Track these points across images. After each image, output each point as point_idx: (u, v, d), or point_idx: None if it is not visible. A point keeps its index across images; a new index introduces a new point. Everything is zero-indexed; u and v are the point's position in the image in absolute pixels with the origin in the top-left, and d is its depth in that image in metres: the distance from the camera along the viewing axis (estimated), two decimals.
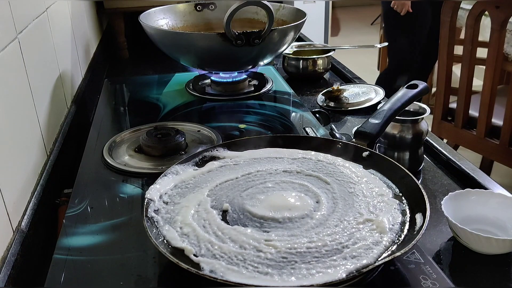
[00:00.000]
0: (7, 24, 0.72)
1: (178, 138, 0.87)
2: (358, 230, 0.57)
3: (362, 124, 0.75)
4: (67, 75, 1.09)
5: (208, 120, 1.01)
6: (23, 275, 0.62)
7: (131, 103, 1.18)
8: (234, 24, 0.96)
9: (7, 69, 0.70)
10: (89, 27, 1.48)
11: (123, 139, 0.92)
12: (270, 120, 1.03)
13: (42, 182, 0.77)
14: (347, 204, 0.63)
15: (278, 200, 0.63)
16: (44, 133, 0.84)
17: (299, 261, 0.53)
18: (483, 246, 0.60)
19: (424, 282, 0.55)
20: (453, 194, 0.66)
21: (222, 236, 0.57)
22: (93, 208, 0.72)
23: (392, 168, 0.68)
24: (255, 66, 1.15)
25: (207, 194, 0.66)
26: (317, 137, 0.84)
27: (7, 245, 0.62)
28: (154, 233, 0.58)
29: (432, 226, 0.66)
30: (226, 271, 0.52)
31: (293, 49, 1.32)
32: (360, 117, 1.02)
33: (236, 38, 0.97)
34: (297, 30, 1.09)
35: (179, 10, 1.27)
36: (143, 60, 1.56)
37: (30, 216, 0.69)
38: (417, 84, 0.80)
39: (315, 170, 0.71)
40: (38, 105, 0.82)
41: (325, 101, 1.10)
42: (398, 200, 0.64)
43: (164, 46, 1.09)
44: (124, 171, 0.81)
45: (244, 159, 0.75)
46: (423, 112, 0.80)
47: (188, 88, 1.18)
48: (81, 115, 1.10)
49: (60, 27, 1.09)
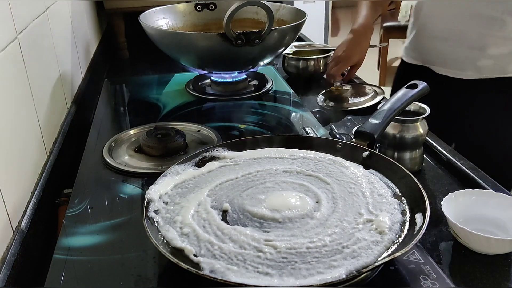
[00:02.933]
0: (7, 24, 0.72)
1: (178, 138, 0.87)
2: (358, 230, 0.57)
3: (362, 124, 0.75)
4: (67, 75, 1.09)
5: (208, 120, 1.01)
6: (23, 275, 0.62)
7: (131, 103, 1.18)
8: (234, 24, 0.96)
9: (7, 69, 0.70)
10: (89, 27, 1.48)
11: (123, 139, 0.92)
12: (270, 120, 1.03)
13: (42, 182, 0.77)
14: (347, 204, 0.63)
15: (278, 200, 0.63)
16: (44, 133, 0.84)
17: (299, 261, 0.53)
18: (483, 246, 0.60)
19: (424, 282, 0.55)
20: (453, 194, 0.66)
21: (222, 236, 0.57)
22: (93, 208, 0.72)
23: (392, 168, 0.68)
24: (255, 66, 1.15)
25: (207, 194, 0.66)
26: (317, 137, 0.84)
27: (7, 245, 0.62)
28: (154, 233, 0.58)
29: (432, 226, 0.66)
30: (226, 271, 0.52)
31: (293, 49, 1.32)
32: (360, 117, 1.02)
33: (236, 38, 0.97)
34: (297, 30, 1.09)
35: (179, 10, 1.27)
36: (143, 60, 1.56)
37: (30, 216, 0.69)
38: (417, 84, 0.80)
39: (315, 170, 0.71)
40: (38, 105, 0.82)
41: (325, 101, 1.10)
42: (398, 200, 0.64)
43: (164, 46, 1.09)
44: (124, 171, 0.81)
45: (244, 159, 0.75)
46: (423, 112, 0.80)
47: (188, 88, 1.18)
48: (81, 115, 1.10)
49: (60, 27, 1.09)
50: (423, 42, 1.17)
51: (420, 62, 1.19)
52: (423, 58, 1.19)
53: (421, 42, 1.18)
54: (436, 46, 1.13)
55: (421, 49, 1.18)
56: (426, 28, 1.15)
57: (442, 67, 1.14)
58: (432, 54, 1.15)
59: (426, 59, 1.18)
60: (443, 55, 1.13)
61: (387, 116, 0.75)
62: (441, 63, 1.14)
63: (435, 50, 1.14)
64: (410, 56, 1.23)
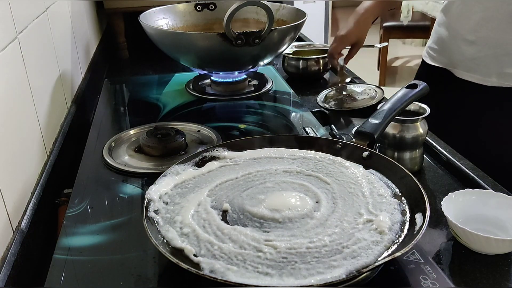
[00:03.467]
0: (7, 24, 0.72)
1: (178, 138, 0.87)
2: (358, 230, 0.57)
3: (362, 124, 0.75)
4: (67, 75, 1.09)
5: (208, 120, 1.01)
6: (23, 275, 0.62)
7: (131, 103, 1.18)
8: (234, 24, 0.96)
9: (7, 69, 0.70)
10: (89, 27, 1.48)
11: (123, 139, 0.92)
12: (270, 120, 1.03)
13: (42, 182, 0.77)
14: (347, 204, 0.63)
15: (278, 200, 0.63)
16: (44, 133, 0.84)
17: (299, 261, 0.53)
18: (483, 246, 0.60)
19: (424, 282, 0.55)
20: (453, 194, 0.66)
21: (222, 236, 0.57)
22: (93, 208, 0.72)
23: (392, 168, 0.68)
24: (255, 66, 1.15)
25: (207, 194, 0.66)
26: (317, 137, 0.84)
27: (7, 245, 0.62)
28: (154, 233, 0.58)
29: (432, 226, 0.66)
30: (226, 271, 0.52)
31: (293, 49, 1.32)
32: (360, 117, 1.02)
33: (236, 38, 0.97)
34: (297, 30, 1.09)
35: (179, 10, 1.27)
36: (143, 60, 1.56)
37: (30, 216, 0.69)
38: (417, 84, 0.80)
39: (315, 170, 0.71)
40: (38, 105, 0.82)
41: (325, 101, 1.10)
42: (398, 200, 0.64)
43: (164, 46, 1.09)
44: (124, 171, 0.81)
45: (244, 159, 0.75)
46: (423, 112, 0.80)
47: (188, 88, 1.18)
48: (81, 115, 1.10)
49: (60, 27, 1.09)
50: (448, 43, 1.12)
51: (442, 64, 1.15)
52: (446, 60, 1.14)
53: (446, 43, 1.13)
54: (461, 48, 1.08)
55: (445, 51, 1.14)
56: (452, 29, 1.10)
57: (466, 72, 1.09)
58: (455, 57, 1.10)
59: (448, 62, 1.13)
60: (468, 59, 1.07)
61: (387, 116, 0.75)
62: (465, 66, 1.09)
63: (460, 53, 1.09)
64: (431, 57, 1.19)
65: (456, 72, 1.11)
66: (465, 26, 1.07)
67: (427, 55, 1.21)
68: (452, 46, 1.11)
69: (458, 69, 1.11)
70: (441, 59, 1.16)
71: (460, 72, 1.10)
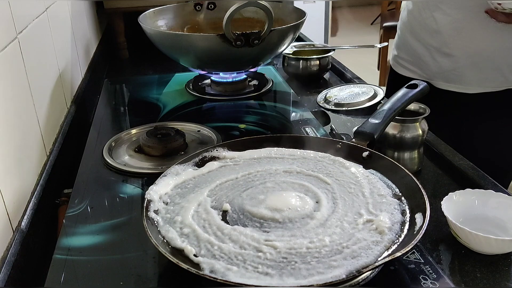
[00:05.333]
0: (7, 24, 0.72)
1: (178, 138, 0.87)
2: (358, 230, 0.57)
3: (362, 124, 0.75)
4: (67, 75, 1.09)
5: (208, 120, 1.01)
6: (23, 275, 0.62)
7: (131, 103, 1.18)
8: (233, 23, 0.96)
9: (7, 69, 0.70)
10: (89, 27, 1.48)
11: (123, 139, 0.92)
12: (270, 120, 1.03)
13: (42, 182, 0.77)
14: (347, 204, 0.63)
15: (278, 200, 0.63)
16: (44, 133, 0.84)
17: (299, 262, 0.53)
18: (483, 246, 0.60)
19: (424, 282, 0.55)
20: (453, 194, 0.66)
21: (222, 236, 0.57)
22: (93, 208, 0.72)
23: (392, 168, 0.68)
24: (255, 66, 1.15)
25: (207, 194, 0.66)
26: (317, 137, 0.84)
27: (7, 245, 0.62)
28: (154, 233, 0.58)
29: (432, 226, 0.66)
30: (226, 271, 0.52)
31: (293, 49, 1.32)
32: (360, 117, 1.02)
33: (236, 39, 0.97)
34: (297, 30, 1.09)
35: (178, 10, 1.27)
36: (143, 60, 1.56)
37: (30, 216, 0.69)
38: (417, 84, 0.80)
39: (315, 170, 0.71)
40: (38, 105, 0.82)
41: (325, 101, 1.10)
42: (398, 200, 0.64)
43: (164, 47, 1.09)
44: (124, 171, 0.81)
45: (244, 159, 0.75)
46: (423, 112, 0.80)
47: (188, 88, 1.18)
48: (81, 115, 1.10)
49: (60, 27, 1.09)
50: (421, 56, 1.12)
51: (417, 76, 1.14)
52: (422, 72, 1.13)
53: (419, 54, 1.13)
54: (436, 61, 1.09)
55: (420, 64, 1.13)
56: (425, 42, 1.10)
57: (445, 82, 1.09)
58: (432, 69, 1.10)
59: (425, 75, 1.12)
60: (446, 70, 1.08)
61: (387, 116, 0.75)
62: (444, 78, 1.09)
63: (436, 66, 1.09)
64: (404, 67, 1.17)
65: (434, 83, 1.11)
66: (437, 40, 1.07)
67: (397, 64, 1.20)
68: (426, 58, 1.11)
69: (436, 81, 1.11)
70: (417, 70, 1.15)
71: (439, 83, 1.10)
